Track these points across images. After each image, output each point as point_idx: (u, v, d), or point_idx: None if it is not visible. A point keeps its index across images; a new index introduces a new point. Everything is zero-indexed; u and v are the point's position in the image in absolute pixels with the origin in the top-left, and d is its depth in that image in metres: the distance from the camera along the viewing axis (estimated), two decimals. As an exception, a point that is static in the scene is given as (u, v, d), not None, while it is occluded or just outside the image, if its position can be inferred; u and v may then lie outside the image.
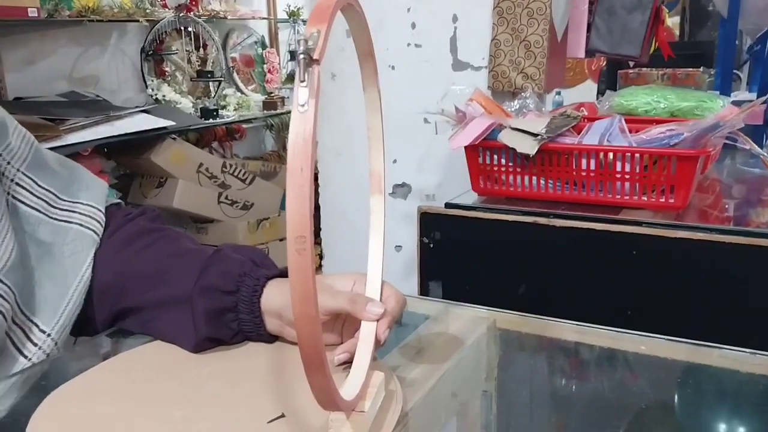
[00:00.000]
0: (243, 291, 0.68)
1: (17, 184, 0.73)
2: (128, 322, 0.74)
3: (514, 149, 1.23)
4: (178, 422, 0.58)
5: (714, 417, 0.66)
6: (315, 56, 0.42)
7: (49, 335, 0.71)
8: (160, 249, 0.75)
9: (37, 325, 0.71)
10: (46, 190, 0.75)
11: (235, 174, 3.07)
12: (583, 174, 1.23)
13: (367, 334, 0.62)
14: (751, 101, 1.32)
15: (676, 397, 0.70)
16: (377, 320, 0.61)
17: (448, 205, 1.31)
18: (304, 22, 3.81)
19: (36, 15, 2.47)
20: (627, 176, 1.20)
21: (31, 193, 0.74)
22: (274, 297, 0.68)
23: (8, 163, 0.72)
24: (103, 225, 0.78)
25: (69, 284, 0.73)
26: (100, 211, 0.79)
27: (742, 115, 1.14)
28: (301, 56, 0.42)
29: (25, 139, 0.76)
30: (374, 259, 0.68)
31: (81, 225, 0.76)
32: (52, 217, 0.75)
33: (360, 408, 0.55)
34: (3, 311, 0.67)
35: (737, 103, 1.40)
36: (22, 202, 0.73)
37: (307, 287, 0.43)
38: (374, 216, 0.68)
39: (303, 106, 0.42)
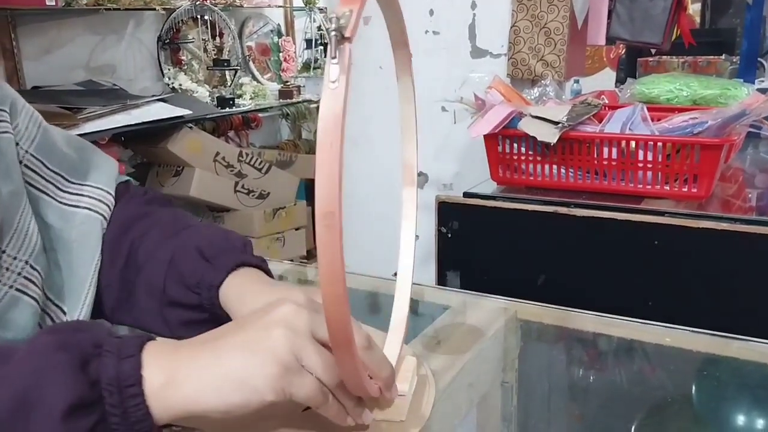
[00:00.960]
0: (204, 302, 0.67)
1: (26, 166, 0.71)
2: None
3: (534, 137, 1.21)
4: None
5: (739, 410, 0.65)
6: (347, 34, 0.42)
7: None
8: (134, 246, 0.74)
9: (63, 311, 0.70)
10: (55, 172, 0.74)
11: (252, 163, 3.07)
12: (605, 163, 1.21)
13: (398, 323, 0.62)
14: (776, 89, 1.30)
15: (699, 389, 0.69)
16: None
17: (466, 195, 1.30)
18: (320, 10, 3.80)
19: (53, 4, 2.47)
20: (649, 165, 1.18)
21: (40, 176, 0.72)
22: (228, 300, 0.66)
23: (17, 144, 0.70)
24: (112, 208, 0.76)
25: (84, 273, 0.72)
26: (109, 193, 0.77)
27: (769, 103, 1.12)
28: (333, 33, 0.42)
29: (33, 118, 0.74)
30: (406, 250, 0.67)
31: (89, 209, 0.74)
32: (60, 201, 0.73)
33: (398, 391, 0.56)
34: (36, 297, 0.66)
35: (762, 91, 1.38)
36: (32, 185, 0.71)
37: (336, 265, 0.42)
38: (406, 207, 0.68)
39: (334, 82, 0.42)
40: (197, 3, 3.17)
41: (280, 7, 3.83)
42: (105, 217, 0.75)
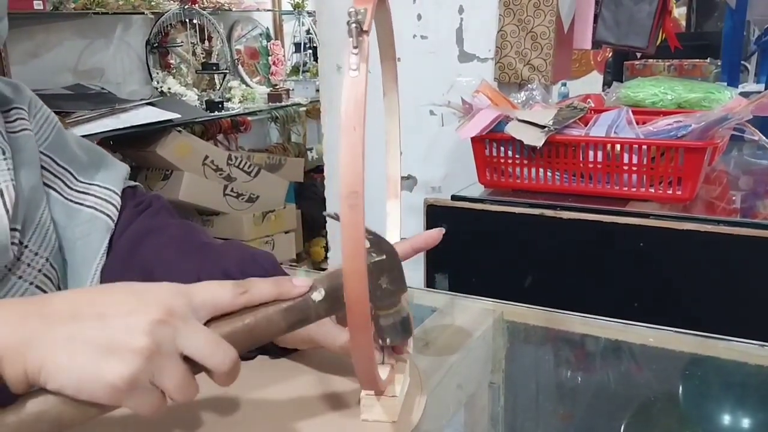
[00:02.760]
0: None
1: None
2: None
3: (521, 141, 1.23)
4: (202, 414, 0.58)
5: (722, 409, 0.66)
6: (365, 28, 0.45)
7: None
8: (149, 263, 0.72)
9: None
10: (64, 168, 0.74)
11: (241, 166, 3.07)
12: (591, 166, 1.22)
13: None
14: (759, 92, 1.31)
15: (683, 388, 0.70)
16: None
17: (454, 198, 1.31)
18: (309, 14, 3.80)
19: (41, 7, 2.47)
20: (634, 168, 1.19)
21: (49, 171, 0.73)
22: None
23: None
24: (119, 208, 0.76)
25: (85, 273, 0.72)
26: (117, 194, 0.77)
27: (751, 107, 1.13)
28: (353, 26, 0.45)
29: (48, 120, 0.75)
30: None
31: (95, 208, 0.74)
32: (67, 198, 0.74)
33: (390, 392, 0.56)
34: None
35: (745, 95, 1.40)
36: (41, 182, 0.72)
37: (358, 242, 0.44)
38: (390, 219, 0.69)
39: (355, 70, 0.45)
40: (186, 7, 3.17)
41: (269, 10, 3.84)
42: (111, 217, 0.75)
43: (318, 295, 0.52)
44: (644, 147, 1.17)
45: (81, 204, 0.74)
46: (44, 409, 0.45)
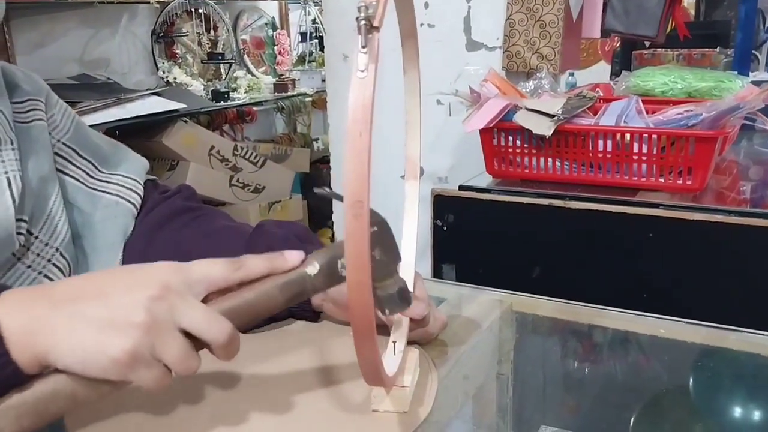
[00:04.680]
0: None
1: (57, 154, 0.74)
2: None
3: (529, 130, 1.22)
4: (216, 402, 0.58)
5: (733, 401, 0.65)
6: (375, 23, 0.42)
7: None
8: (199, 228, 0.76)
9: None
10: (86, 160, 0.77)
11: (247, 157, 3.07)
12: (600, 155, 1.21)
13: (401, 317, 0.62)
14: (770, 81, 1.30)
15: (694, 380, 0.69)
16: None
17: (461, 188, 1.30)
18: (315, 3, 3.79)
19: (47, -3, 2.47)
20: (644, 158, 1.18)
21: (71, 162, 0.75)
22: None
23: (49, 134, 0.74)
24: (142, 197, 0.78)
25: (109, 256, 0.74)
26: (139, 183, 0.79)
27: (763, 95, 1.12)
28: (363, 23, 0.42)
29: (67, 113, 0.77)
30: (408, 243, 0.67)
31: (118, 195, 0.77)
32: (89, 187, 0.76)
33: (400, 383, 0.56)
34: None
35: (756, 83, 1.38)
36: (63, 172, 0.74)
37: (362, 253, 0.43)
38: (408, 201, 0.68)
39: (363, 71, 0.42)
40: (191, -4, 3.16)
41: (275, 0, 3.82)
42: (135, 204, 0.77)
43: (312, 269, 0.54)
44: (654, 136, 1.16)
45: (102, 191, 0.76)
46: (58, 388, 0.47)
